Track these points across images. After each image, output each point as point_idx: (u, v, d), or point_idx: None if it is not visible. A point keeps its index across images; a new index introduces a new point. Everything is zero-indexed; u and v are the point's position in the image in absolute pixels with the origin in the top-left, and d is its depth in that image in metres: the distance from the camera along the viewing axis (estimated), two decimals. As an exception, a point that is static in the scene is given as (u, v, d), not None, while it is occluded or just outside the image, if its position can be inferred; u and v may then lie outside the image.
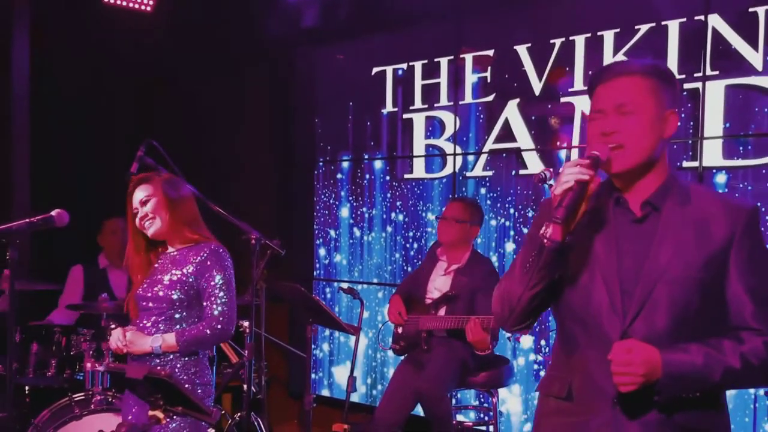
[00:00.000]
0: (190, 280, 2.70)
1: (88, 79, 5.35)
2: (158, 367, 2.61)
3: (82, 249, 4.76)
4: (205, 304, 2.71)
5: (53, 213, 2.65)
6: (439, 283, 3.99)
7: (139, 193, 2.77)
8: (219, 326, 2.68)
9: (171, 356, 2.68)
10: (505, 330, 1.85)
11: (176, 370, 2.66)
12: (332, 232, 5.47)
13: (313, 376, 5.29)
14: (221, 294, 2.70)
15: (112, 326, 3.62)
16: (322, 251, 5.53)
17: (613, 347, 1.65)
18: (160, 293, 2.71)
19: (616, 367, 1.64)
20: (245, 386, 3.53)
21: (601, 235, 1.77)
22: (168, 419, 2.07)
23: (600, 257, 1.76)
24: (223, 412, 4.23)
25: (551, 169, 1.78)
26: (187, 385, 2.62)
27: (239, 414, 3.98)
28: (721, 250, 1.71)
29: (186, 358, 2.68)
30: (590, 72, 3.69)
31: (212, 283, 2.70)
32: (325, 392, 5.46)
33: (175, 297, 2.69)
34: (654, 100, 1.74)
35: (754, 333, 1.70)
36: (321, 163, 5.53)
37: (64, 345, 3.95)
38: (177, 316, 2.72)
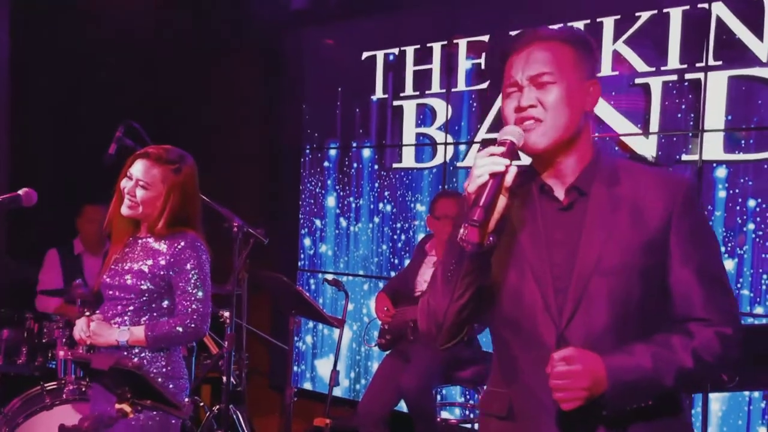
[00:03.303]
0: (162, 272, 2.55)
1: (71, 61, 5.26)
2: (127, 358, 2.46)
3: (58, 231, 4.68)
4: (177, 299, 2.56)
5: (20, 192, 2.51)
6: (428, 276, 3.90)
7: (142, 171, 2.56)
8: (192, 324, 2.53)
9: (138, 349, 2.54)
10: (438, 347, 1.66)
11: (144, 363, 2.52)
12: (318, 222, 5.37)
13: (295, 368, 5.20)
14: (196, 291, 2.54)
15: (87, 313, 3.52)
16: (307, 241, 5.43)
17: (550, 359, 1.47)
18: (129, 282, 2.55)
19: (556, 382, 1.45)
20: (224, 378, 3.47)
21: (527, 228, 1.60)
22: (136, 413, 1.93)
23: (528, 253, 1.59)
24: (202, 404, 4.18)
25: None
26: (158, 379, 2.48)
27: (218, 406, 3.91)
28: (660, 231, 1.54)
29: (155, 351, 2.54)
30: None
31: (187, 278, 2.54)
32: (308, 385, 5.39)
33: (144, 288, 2.54)
34: (573, 70, 1.58)
35: (703, 324, 1.53)
36: (308, 151, 5.44)
37: (36, 332, 3.85)
38: (146, 307, 2.57)
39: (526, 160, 1.66)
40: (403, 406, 3.89)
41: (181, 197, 2.60)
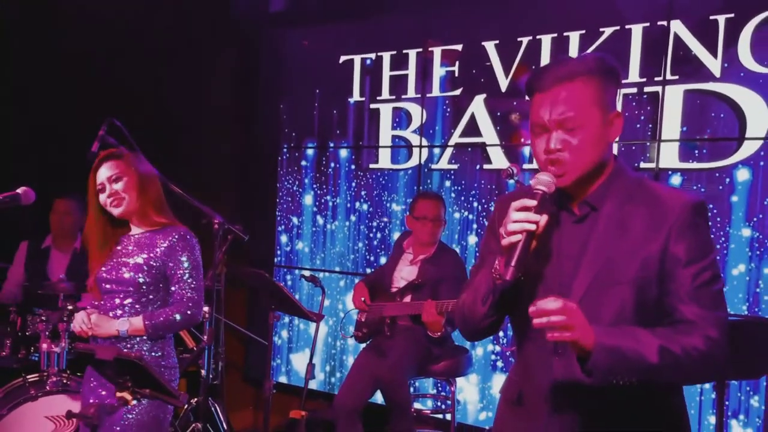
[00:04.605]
0: (157, 264, 2.66)
1: (43, 53, 5.20)
2: (127, 349, 2.58)
3: (34, 226, 4.65)
4: (173, 288, 2.68)
5: (19, 191, 2.55)
6: (405, 273, 4.03)
7: (108, 170, 2.69)
8: (188, 311, 2.66)
9: (137, 339, 2.65)
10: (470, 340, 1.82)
11: (143, 352, 2.64)
12: (295, 220, 5.45)
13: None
14: (190, 279, 2.67)
15: (69, 307, 3.58)
16: (283, 238, 5.51)
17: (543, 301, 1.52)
18: (126, 276, 2.66)
19: (541, 310, 1.49)
20: (203, 371, 3.54)
21: (543, 238, 1.67)
22: (135, 401, 2.06)
23: (541, 262, 1.71)
24: (181, 397, 4.22)
25: (518, 165, 1.77)
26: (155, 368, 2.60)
27: (196, 399, 3.97)
28: (658, 247, 1.62)
29: (152, 341, 2.66)
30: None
31: (181, 268, 2.67)
32: (283, 379, 5.46)
33: (141, 281, 2.65)
34: (598, 108, 1.64)
35: (690, 326, 1.60)
36: (285, 150, 5.50)
37: (20, 325, 3.89)
38: (143, 299, 2.67)
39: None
40: (378, 398, 4.01)
41: (153, 178, 2.76)
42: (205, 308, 3.73)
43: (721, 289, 1.66)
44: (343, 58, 5.15)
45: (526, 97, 1.75)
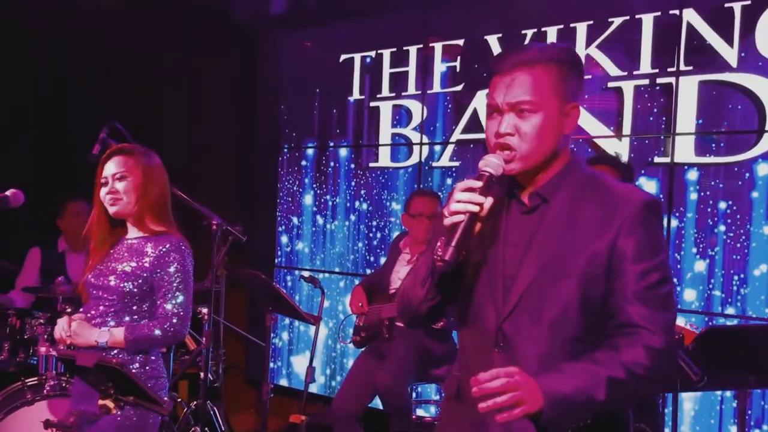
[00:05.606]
0: (145, 274, 2.52)
1: (45, 57, 5.19)
2: (110, 356, 2.46)
3: (41, 231, 4.67)
4: (158, 301, 2.53)
5: (8, 193, 2.51)
6: (403, 274, 3.93)
7: (114, 167, 2.56)
8: (171, 328, 2.50)
9: (116, 350, 2.51)
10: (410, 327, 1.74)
11: (125, 360, 2.48)
12: (295, 220, 5.40)
13: (271, 365, 5.20)
14: (177, 294, 2.51)
15: (68, 310, 3.52)
16: (284, 238, 5.45)
17: (477, 379, 1.46)
18: (112, 283, 2.52)
19: (484, 390, 1.45)
20: (202, 374, 3.48)
21: (490, 226, 1.65)
22: (118, 409, 1.94)
23: (486, 250, 1.67)
24: (180, 400, 4.18)
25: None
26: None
27: (195, 402, 3.94)
28: (606, 243, 1.59)
29: (133, 354, 2.52)
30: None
31: (170, 281, 2.51)
32: (284, 382, 5.41)
33: (126, 289, 2.51)
34: (555, 97, 1.62)
35: (634, 335, 1.56)
36: (285, 150, 5.45)
37: (18, 328, 3.87)
38: (128, 309, 2.54)
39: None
40: (378, 404, 3.91)
41: (159, 181, 2.61)
42: (204, 310, 3.70)
43: (671, 291, 1.62)
44: (343, 57, 5.10)
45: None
